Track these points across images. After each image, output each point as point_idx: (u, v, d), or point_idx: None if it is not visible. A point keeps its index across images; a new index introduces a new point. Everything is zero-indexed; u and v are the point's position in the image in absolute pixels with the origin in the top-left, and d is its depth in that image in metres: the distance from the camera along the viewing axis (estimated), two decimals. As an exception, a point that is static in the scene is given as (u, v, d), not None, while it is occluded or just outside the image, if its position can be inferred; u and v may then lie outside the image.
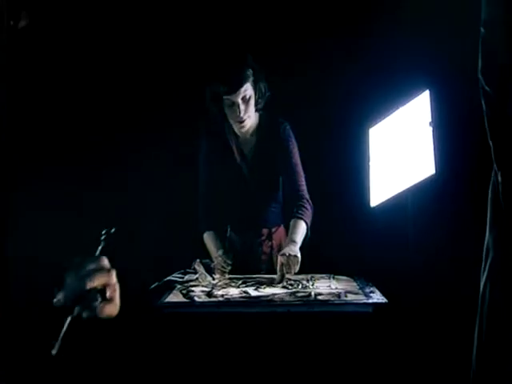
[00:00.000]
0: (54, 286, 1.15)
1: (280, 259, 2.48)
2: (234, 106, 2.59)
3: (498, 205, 1.51)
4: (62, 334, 1.11)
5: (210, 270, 2.58)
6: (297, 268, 2.48)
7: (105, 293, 1.13)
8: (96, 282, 1.12)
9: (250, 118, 2.65)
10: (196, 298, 2.23)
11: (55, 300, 1.12)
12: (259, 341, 2.15)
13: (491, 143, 1.48)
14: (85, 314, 1.13)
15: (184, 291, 2.34)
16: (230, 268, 2.62)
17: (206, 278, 2.52)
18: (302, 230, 2.65)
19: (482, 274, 1.56)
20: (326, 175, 3.18)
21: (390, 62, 3.01)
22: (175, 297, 2.28)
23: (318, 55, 3.11)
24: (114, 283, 1.15)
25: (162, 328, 2.15)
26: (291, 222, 2.69)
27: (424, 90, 2.54)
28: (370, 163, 2.89)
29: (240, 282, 2.51)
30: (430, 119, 2.46)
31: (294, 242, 2.57)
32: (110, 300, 1.14)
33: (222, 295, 2.28)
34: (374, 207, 2.82)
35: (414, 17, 2.84)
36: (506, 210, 1.46)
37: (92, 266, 1.13)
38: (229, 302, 2.21)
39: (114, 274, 1.15)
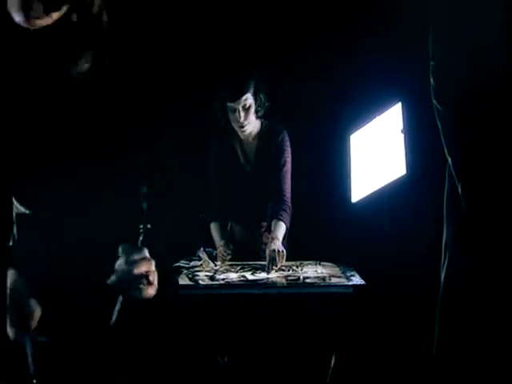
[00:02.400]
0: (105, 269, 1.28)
1: (269, 254, 2.63)
2: (235, 112, 2.78)
3: (454, 206, 1.69)
4: (116, 310, 1.28)
5: (212, 258, 2.75)
6: (283, 261, 2.64)
7: (148, 278, 1.29)
8: (142, 269, 1.28)
9: (249, 124, 2.83)
10: (200, 281, 2.41)
11: (108, 281, 1.28)
12: (255, 318, 2.30)
13: (449, 158, 1.64)
14: (131, 295, 1.29)
15: (190, 275, 2.51)
16: (229, 257, 2.79)
17: (209, 264, 2.68)
18: (282, 229, 2.81)
19: (442, 267, 1.74)
20: (314, 175, 3.30)
21: (369, 79, 3.13)
22: (182, 280, 2.44)
23: (315, 71, 3.26)
24: (154, 270, 1.31)
25: (170, 307, 2.18)
26: (273, 222, 2.84)
27: (397, 103, 2.64)
28: (352, 164, 2.97)
29: (238, 267, 2.66)
30: (401, 127, 2.57)
31: (277, 238, 2.73)
32: (152, 284, 1.31)
33: (223, 279, 2.45)
34: (355, 202, 2.90)
35: (389, 42, 3.02)
36: (467, 214, 1.61)
37: (138, 256, 1.28)
38: (229, 285, 2.38)
39: (153, 262, 1.31)
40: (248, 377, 2.37)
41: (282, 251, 2.66)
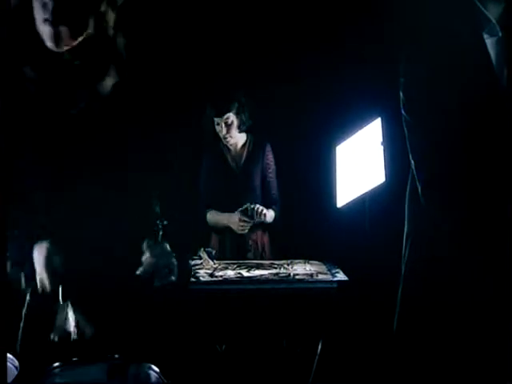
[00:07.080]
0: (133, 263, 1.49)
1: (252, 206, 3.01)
2: (219, 126, 3.15)
3: (414, 204, 1.81)
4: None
5: (211, 257, 2.87)
6: (262, 217, 3.03)
7: (170, 268, 1.52)
8: (166, 261, 1.51)
9: (231, 138, 3.18)
10: (201, 278, 2.56)
11: (138, 272, 1.50)
12: (250, 310, 2.46)
13: (412, 161, 1.77)
14: (158, 283, 1.52)
15: (192, 273, 2.64)
16: (250, 225, 3.08)
17: (208, 263, 2.82)
18: (271, 212, 3.15)
19: (404, 253, 1.85)
20: (303, 182, 3.47)
21: (352, 98, 3.31)
22: (185, 277, 2.56)
23: (301, 91, 3.45)
24: (174, 261, 1.55)
25: (175, 300, 2.25)
26: None
27: (376, 118, 2.82)
28: (337, 173, 3.11)
29: (235, 265, 2.82)
30: (381, 140, 2.73)
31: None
32: (173, 272, 1.54)
33: (221, 276, 2.60)
34: (340, 207, 3.05)
35: (370, 64, 3.20)
36: (425, 207, 1.72)
37: (161, 250, 1.50)
38: (226, 281, 2.53)
39: (173, 254, 1.55)
40: (243, 364, 2.51)
41: (262, 209, 3.01)
